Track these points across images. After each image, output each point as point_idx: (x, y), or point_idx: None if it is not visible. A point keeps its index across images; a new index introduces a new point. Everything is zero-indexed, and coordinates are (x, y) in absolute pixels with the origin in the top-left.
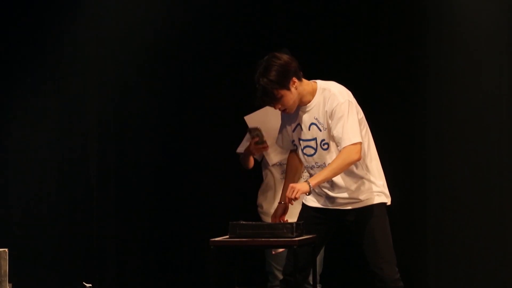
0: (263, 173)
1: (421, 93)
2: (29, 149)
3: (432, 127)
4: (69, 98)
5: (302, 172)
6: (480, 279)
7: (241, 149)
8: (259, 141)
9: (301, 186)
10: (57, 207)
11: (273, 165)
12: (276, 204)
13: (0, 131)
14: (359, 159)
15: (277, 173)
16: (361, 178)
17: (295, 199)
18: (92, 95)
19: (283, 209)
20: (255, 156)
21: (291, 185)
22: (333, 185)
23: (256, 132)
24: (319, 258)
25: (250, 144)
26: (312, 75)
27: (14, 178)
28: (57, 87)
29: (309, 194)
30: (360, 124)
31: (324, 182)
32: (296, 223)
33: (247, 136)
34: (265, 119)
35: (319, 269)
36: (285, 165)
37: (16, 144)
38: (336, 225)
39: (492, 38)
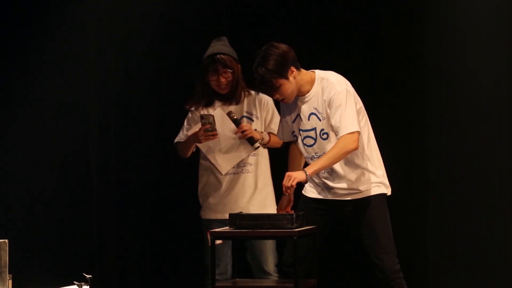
0: (200, 173)
1: (421, 83)
2: (29, 143)
3: (432, 117)
4: (69, 95)
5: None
6: (480, 270)
7: (179, 139)
8: (210, 129)
9: (297, 174)
10: (57, 199)
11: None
12: (217, 199)
13: (0, 127)
14: (356, 148)
15: (216, 172)
16: (361, 168)
17: (292, 187)
18: (92, 91)
19: (288, 200)
20: (199, 145)
21: (287, 173)
22: (332, 175)
23: (209, 119)
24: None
25: (199, 130)
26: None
27: (15, 173)
28: (58, 83)
29: (305, 183)
30: (359, 114)
31: (321, 171)
32: (296, 214)
33: (185, 125)
34: (218, 124)
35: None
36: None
37: (15, 140)
38: (335, 216)
39: (493, 36)
